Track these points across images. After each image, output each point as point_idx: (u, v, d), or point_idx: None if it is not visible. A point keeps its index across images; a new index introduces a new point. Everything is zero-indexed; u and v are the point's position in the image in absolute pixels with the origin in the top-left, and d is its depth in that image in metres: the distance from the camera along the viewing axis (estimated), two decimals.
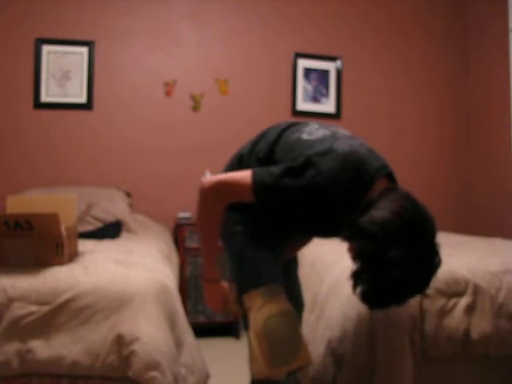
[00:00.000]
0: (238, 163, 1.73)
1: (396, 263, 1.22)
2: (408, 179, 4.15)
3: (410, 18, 4.33)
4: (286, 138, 1.59)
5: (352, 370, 1.89)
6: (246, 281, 1.57)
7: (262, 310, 1.49)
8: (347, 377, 1.90)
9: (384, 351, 1.83)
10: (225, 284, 1.66)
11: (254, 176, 1.43)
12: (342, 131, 1.57)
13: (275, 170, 1.43)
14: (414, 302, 1.86)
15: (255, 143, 1.69)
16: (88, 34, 3.78)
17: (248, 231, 1.60)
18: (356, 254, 1.30)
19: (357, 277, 1.29)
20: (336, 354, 1.96)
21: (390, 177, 1.47)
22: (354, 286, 1.30)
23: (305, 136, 1.53)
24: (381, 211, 1.27)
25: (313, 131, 1.55)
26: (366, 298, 1.29)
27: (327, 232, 1.58)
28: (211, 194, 1.48)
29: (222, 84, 3.98)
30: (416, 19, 4.35)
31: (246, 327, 1.74)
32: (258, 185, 1.42)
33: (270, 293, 1.51)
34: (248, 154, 1.69)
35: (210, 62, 3.97)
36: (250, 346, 1.50)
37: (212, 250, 1.59)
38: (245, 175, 1.45)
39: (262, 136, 1.69)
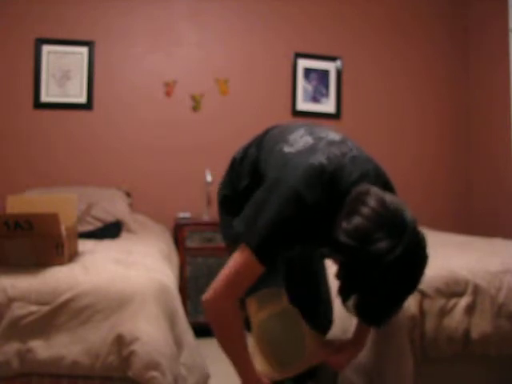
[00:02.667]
0: (230, 167, 1.73)
1: (380, 262, 1.13)
2: (408, 179, 4.18)
3: (410, 17, 4.33)
4: (269, 146, 1.54)
5: (352, 369, 1.89)
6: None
7: (255, 317, 1.49)
8: (347, 377, 1.90)
9: (384, 351, 1.83)
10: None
11: (255, 254, 1.30)
12: (330, 136, 1.47)
13: (260, 228, 1.31)
14: (413, 302, 1.86)
15: (248, 148, 1.68)
16: (88, 33, 3.78)
17: None
18: (339, 268, 1.21)
19: (344, 291, 1.21)
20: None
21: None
22: (344, 302, 1.21)
23: (286, 148, 1.45)
24: (345, 219, 1.20)
25: (297, 140, 1.47)
26: (361, 309, 1.19)
27: (316, 244, 1.53)
28: (221, 308, 1.34)
29: (222, 84, 3.98)
30: (416, 19, 4.35)
31: (248, 329, 1.74)
32: (262, 257, 1.30)
33: (264, 299, 1.50)
34: (240, 160, 1.68)
35: (210, 62, 3.97)
36: (254, 352, 1.51)
37: (248, 354, 1.41)
38: (240, 258, 1.31)
39: (254, 142, 1.68)
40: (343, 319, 1.97)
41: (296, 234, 1.32)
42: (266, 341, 1.47)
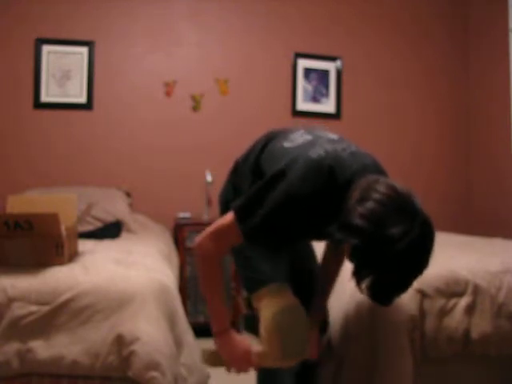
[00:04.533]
0: (234, 171, 1.76)
1: (394, 247, 1.19)
2: (408, 179, 4.16)
3: (409, 17, 4.33)
4: (271, 146, 1.60)
5: (352, 370, 1.89)
6: (251, 281, 1.60)
7: (269, 306, 1.52)
8: (348, 377, 1.90)
9: (384, 351, 1.83)
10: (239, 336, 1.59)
11: (238, 222, 1.41)
12: (329, 135, 1.55)
13: (253, 205, 1.40)
14: (413, 301, 1.86)
15: (250, 151, 1.71)
16: (88, 34, 3.78)
17: None
18: (351, 252, 1.25)
19: (359, 274, 1.26)
20: (336, 354, 1.96)
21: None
22: (358, 284, 1.27)
23: (286, 144, 1.53)
24: (358, 204, 1.24)
25: (296, 138, 1.54)
26: (373, 291, 1.26)
27: (316, 237, 1.61)
28: (205, 248, 1.47)
29: (222, 84, 3.98)
30: (416, 19, 4.35)
31: (247, 328, 1.74)
32: (245, 230, 1.41)
33: (276, 289, 1.54)
34: (243, 162, 1.72)
35: (209, 62, 3.97)
36: (261, 342, 1.53)
37: (222, 301, 1.54)
38: (228, 220, 1.43)
39: (256, 143, 1.71)
40: (343, 320, 1.97)
41: (288, 223, 1.39)
42: (277, 331, 1.49)
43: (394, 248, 1.18)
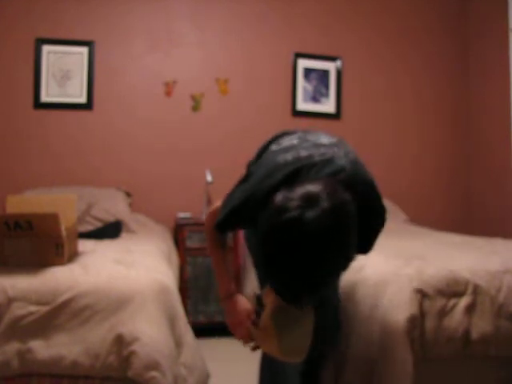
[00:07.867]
0: (245, 175, 1.74)
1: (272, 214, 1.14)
2: (408, 180, 4.18)
3: (410, 17, 4.33)
4: (268, 149, 1.61)
5: (353, 369, 1.89)
6: (263, 277, 1.61)
7: (275, 300, 1.47)
8: (348, 377, 1.90)
9: (384, 351, 1.83)
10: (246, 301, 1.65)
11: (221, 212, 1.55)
12: (321, 139, 1.48)
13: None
14: (413, 301, 1.86)
15: (258, 153, 1.70)
16: (88, 34, 3.78)
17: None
18: None
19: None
20: (337, 354, 1.96)
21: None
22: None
23: (273, 147, 1.55)
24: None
25: (284, 141, 1.53)
26: (275, 287, 1.19)
27: None
28: (210, 222, 1.63)
29: (222, 84, 3.98)
30: (416, 19, 4.35)
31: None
32: (217, 221, 1.56)
33: None
34: (252, 165, 1.71)
35: (210, 61, 3.97)
36: (261, 335, 1.51)
37: (224, 268, 1.66)
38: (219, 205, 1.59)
39: (262, 145, 1.71)
40: (343, 320, 1.97)
41: (242, 220, 1.52)
42: (274, 325, 1.45)
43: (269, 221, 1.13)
